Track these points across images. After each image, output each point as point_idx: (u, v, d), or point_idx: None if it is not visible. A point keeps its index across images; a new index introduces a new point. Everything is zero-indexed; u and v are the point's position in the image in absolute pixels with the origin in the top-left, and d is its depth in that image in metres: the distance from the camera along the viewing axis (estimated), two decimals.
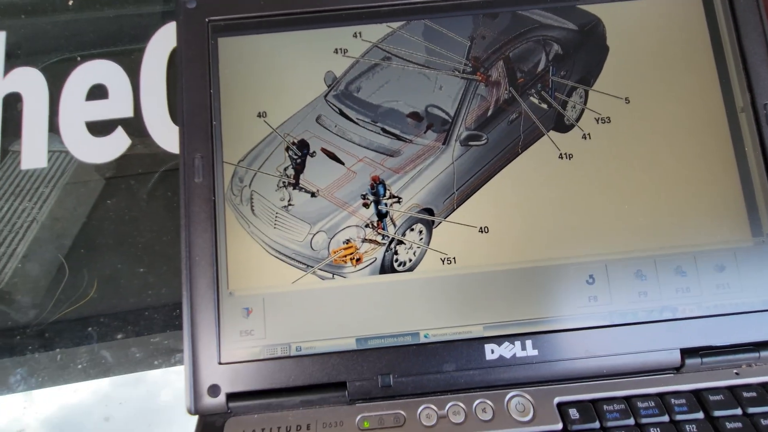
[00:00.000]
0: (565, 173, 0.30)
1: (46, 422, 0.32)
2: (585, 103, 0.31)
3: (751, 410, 0.27)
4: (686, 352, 0.28)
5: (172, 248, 0.34)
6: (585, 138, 0.31)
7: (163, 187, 0.35)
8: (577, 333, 0.29)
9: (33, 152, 0.35)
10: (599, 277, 0.29)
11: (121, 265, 0.34)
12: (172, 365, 0.33)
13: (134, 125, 0.36)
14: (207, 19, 0.32)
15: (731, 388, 0.28)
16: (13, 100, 0.36)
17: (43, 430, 0.32)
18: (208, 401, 0.28)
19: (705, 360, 0.28)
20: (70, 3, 0.39)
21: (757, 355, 0.28)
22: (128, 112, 0.36)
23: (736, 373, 0.28)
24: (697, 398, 0.28)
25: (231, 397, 0.28)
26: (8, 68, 0.37)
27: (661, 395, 0.28)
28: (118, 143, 0.36)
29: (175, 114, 0.36)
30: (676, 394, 0.28)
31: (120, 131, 0.36)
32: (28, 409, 0.32)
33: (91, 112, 0.36)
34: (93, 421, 0.31)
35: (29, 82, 0.37)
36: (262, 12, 0.32)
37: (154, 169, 0.35)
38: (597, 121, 0.31)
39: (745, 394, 0.27)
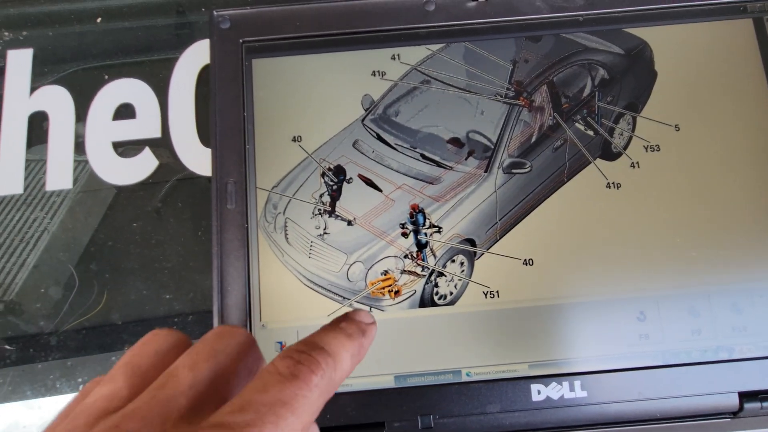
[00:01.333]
0: (613, 203, 0.29)
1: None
2: (633, 130, 0.30)
3: None
4: (744, 396, 0.27)
5: (185, 259, 0.33)
6: (633, 167, 0.29)
7: (175, 196, 0.34)
8: (628, 374, 0.27)
9: (59, 172, 0.34)
10: (650, 313, 0.28)
11: (132, 277, 0.33)
12: None
13: (162, 146, 0.35)
14: (241, 40, 0.31)
15: None
16: (39, 119, 0.36)
17: None
18: None
19: (765, 404, 0.27)
20: (98, 20, 0.38)
21: None
22: (156, 133, 0.35)
23: None
24: None
25: None
26: (35, 86, 0.36)
27: None
28: (145, 164, 0.35)
29: (203, 134, 0.35)
30: None
31: (147, 152, 0.35)
32: (33, 415, 0.31)
33: (118, 132, 0.35)
34: None
35: (56, 100, 0.36)
36: (297, 33, 0.31)
37: (166, 178, 0.34)
38: (646, 149, 0.30)
39: None
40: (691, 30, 0.31)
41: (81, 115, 0.36)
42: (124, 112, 0.36)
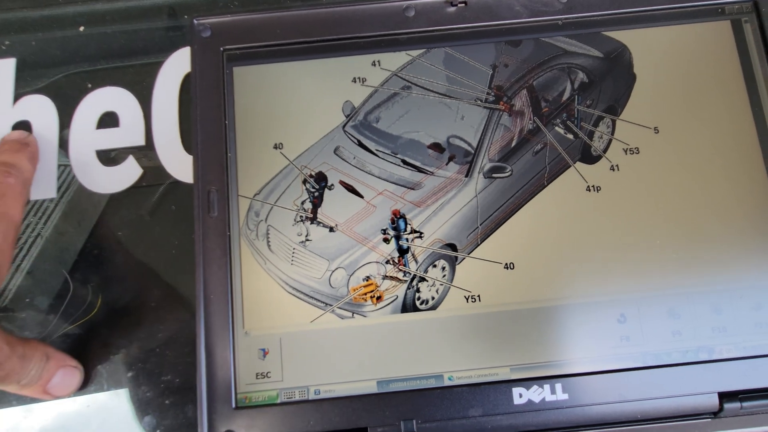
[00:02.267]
0: (593, 206, 0.29)
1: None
2: (612, 133, 0.30)
3: None
4: (724, 396, 0.27)
5: (177, 264, 0.33)
6: (613, 170, 0.30)
7: (169, 200, 0.34)
8: (609, 375, 0.27)
9: (43, 183, 0.34)
10: (631, 315, 0.28)
11: (124, 281, 0.33)
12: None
13: (146, 153, 0.35)
14: (222, 48, 0.31)
15: None
16: (23, 129, 0.36)
17: None
18: None
19: (745, 404, 0.27)
20: (81, 29, 0.38)
21: None
22: (140, 141, 0.35)
23: None
24: None
25: None
26: (18, 94, 0.36)
27: None
28: (130, 172, 0.35)
29: (187, 142, 0.35)
30: None
31: (131, 160, 0.35)
32: (27, 420, 0.31)
33: (102, 141, 0.35)
34: (91, 430, 0.31)
35: (39, 109, 0.36)
36: (278, 41, 0.31)
37: (159, 181, 0.34)
38: (625, 152, 0.30)
39: None
40: (669, 33, 0.31)
41: (65, 124, 0.36)
42: (108, 120, 0.36)
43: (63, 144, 0.35)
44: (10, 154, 0.31)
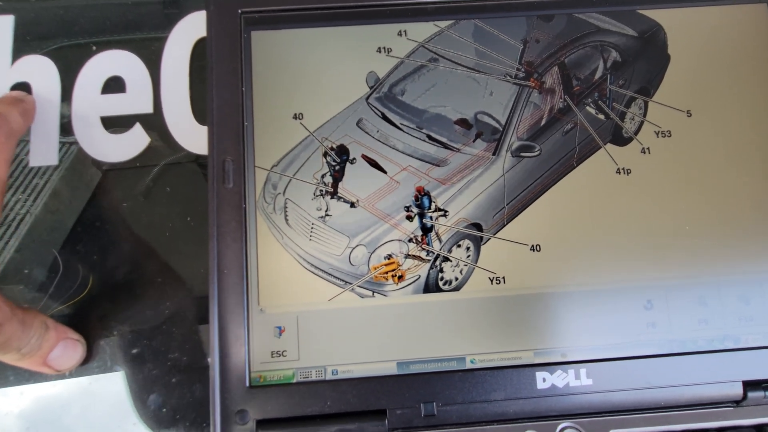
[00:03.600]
0: (623, 189, 0.28)
1: (22, 416, 0.30)
2: (644, 114, 0.29)
3: None
4: (749, 385, 0.27)
5: (173, 245, 0.32)
6: (644, 152, 0.29)
7: (163, 181, 0.33)
8: (634, 362, 0.27)
9: (44, 148, 0.33)
10: (658, 302, 0.27)
11: (117, 260, 0.31)
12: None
13: (154, 122, 0.33)
14: (240, 11, 0.29)
15: None
16: (22, 91, 0.34)
17: (19, 423, 0.29)
18: (236, 428, 0.26)
19: None
20: None
21: None
22: (148, 108, 0.33)
23: None
24: None
25: (260, 423, 0.26)
26: (17, 56, 0.34)
27: (721, 429, 0.26)
28: (136, 141, 0.33)
29: (197, 111, 0.33)
30: (738, 429, 0.26)
31: (138, 128, 0.33)
32: (20, 402, 0.30)
33: (107, 107, 0.33)
34: (72, 415, 0.29)
35: (40, 71, 0.34)
36: (299, 5, 0.30)
37: (154, 162, 0.33)
38: (657, 134, 0.29)
39: None
40: (705, 14, 0.30)
41: (67, 87, 0.34)
42: (114, 85, 0.34)
43: (65, 109, 0.33)
44: (1, 105, 0.30)
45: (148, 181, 0.33)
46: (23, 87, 0.34)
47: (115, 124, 0.33)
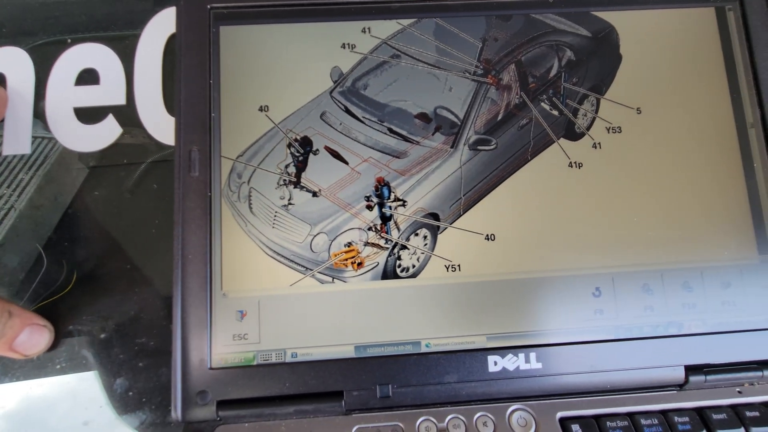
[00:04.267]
0: (575, 182, 0.30)
1: (7, 417, 0.30)
2: (596, 111, 0.31)
3: (754, 430, 0.26)
4: (690, 369, 0.28)
5: (157, 242, 0.33)
6: (595, 147, 0.30)
7: (150, 179, 0.33)
8: (582, 347, 0.28)
9: (16, 137, 0.33)
10: (606, 289, 0.29)
11: (101, 256, 0.32)
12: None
13: (126, 114, 0.34)
14: (209, 6, 0.30)
15: (734, 407, 0.27)
16: None
17: (5, 424, 0.30)
18: (197, 408, 0.26)
19: (709, 378, 0.28)
20: None
21: (760, 374, 0.28)
22: (120, 100, 0.34)
23: (739, 392, 0.28)
24: (700, 416, 0.27)
25: (221, 404, 0.26)
26: None
27: (664, 412, 0.27)
28: (109, 132, 0.34)
29: (170, 104, 0.34)
30: (680, 411, 0.27)
31: (111, 119, 0.34)
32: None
33: (80, 98, 0.34)
34: (57, 416, 0.30)
35: (15, 62, 0.35)
36: (267, 1, 0.31)
37: (141, 159, 0.34)
38: (608, 130, 0.30)
39: (748, 414, 0.27)
40: (656, 16, 0.32)
41: (41, 79, 0.34)
42: (87, 77, 0.35)
43: (39, 99, 0.34)
44: None
45: (135, 178, 0.33)
46: None
47: (88, 115, 0.34)
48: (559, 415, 0.27)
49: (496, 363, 0.27)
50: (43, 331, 0.29)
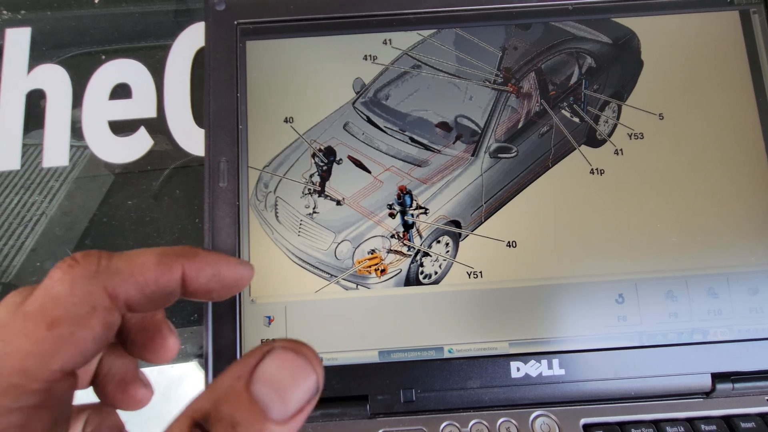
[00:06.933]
0: (596, 189, 0.30)
1: None
2: (618, 118, 0.31)
3: None
4: (717, 377, 0.28)
5: (174, 241, 0.34)
6: (617, 153, 0.30)
7: (173, 184, 0.35)
8: (606, 353, 0.28)
9: (55, 150, 0.35)
10: (629, 296, 0.29)
11: None
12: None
13: (157, 126, 0.36)
14: (236, 22, 0.31)
15: (763, 415, 0.27)
16: (37, 97, 0.36)
17: None
18: None
19: (736, 385, 0.28)
20: (96, 1, 0.38)
21: None
22: (151, 113, 0.36)
23: (767, 400, 0.28)
24: (728, 424, 0.27)
25: None
26: (33, 65, 0.37)
27: (690, 420, 0.27)
28: (141, 143, 0.35)
29: (198, 116, 0.36)
30: (706, 419, 0.27)
31: (143, 131, 0.36)
32: None
33: (114, 112, 0.36)
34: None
35: (53, 79, 0.36)
36: (291, 16, 0.32)
37: (164, 165, 0.35)
38: (630, 136, 0.30)
39: None
40: (678, 21, 0.32)
41: (78, 94, 0.36)
42: (121, 91, 0.36)
43: (76, 120, 0.36)
44: None
45: (158, 184, 0.35)
46: (38, 94, 0.36)
47: (121, 127, 0.36)
48: (583, 421, 0.27)
49: (518, 369, 0.28)
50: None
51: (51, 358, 0.14)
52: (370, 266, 0.29)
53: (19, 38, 0.37)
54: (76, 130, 0.36)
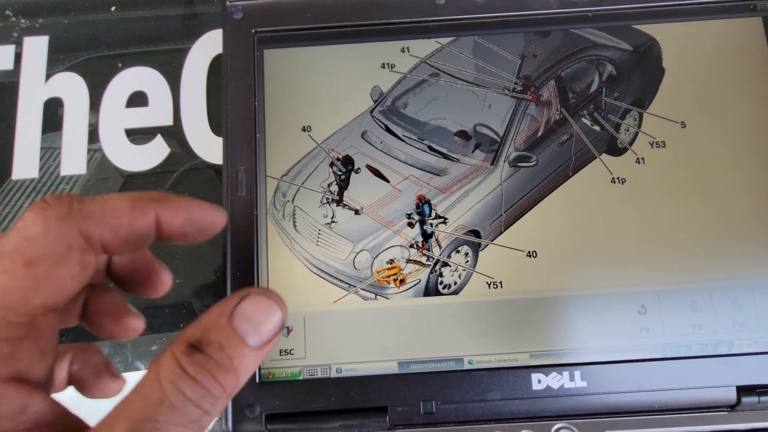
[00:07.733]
0: (618, 198, 0.29)
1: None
2: (639, 126, 0.30)
3: None
4: (742, 390, 0.27)
5: (192, 250, 0.34)
6: (639, 162, 0.30)
7: (182, 187, 0.35)
8: (628, 365, 0.28)
9: (73, 158, 0.35)
10: (652, 307, 0.28)
11: None
12: None
13: (173, 134, 0.36)
14: (253, 31, 0.31)
15: None
16: (55, 105, 0.36)
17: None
18: (247, 421, 0.27)
19: (762, 399, 0.27)
20: (113, 9, 0.38)
21: None
22: (168, 120, 0.36)
23: None
24: None
25: (270, 417, 0.27)
26: (50, 72, 0.37)
27: None
28: (158, 151, 0.35)
29: (214, 124, 0.36)
30: None
31: (159, 139, 0.36)
32: None
33: (130, 119, 0.36)
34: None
35: (71, 87, 0.37)
36: (309, 24, 0.31)
37: (174, 168, 0.35)
38: (651, 145, 0.30)
39: None
40: (700, 27, 0.31)
41: (95, 102, 0.36)
42: (137, 99, 0.36)
43: (92, 123, 0.36)
44: None
45: (167, 187, 0.35)
46: (56, 102, 0.37)
47: (138, 135, 0.36)
48: None
49: (539, 381, 0.27)
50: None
51: (32, 294, 0.15)
52: (388, 276, 0.29)
53: (37, 47, 0.37)
54: (94, 139, 0.36)
